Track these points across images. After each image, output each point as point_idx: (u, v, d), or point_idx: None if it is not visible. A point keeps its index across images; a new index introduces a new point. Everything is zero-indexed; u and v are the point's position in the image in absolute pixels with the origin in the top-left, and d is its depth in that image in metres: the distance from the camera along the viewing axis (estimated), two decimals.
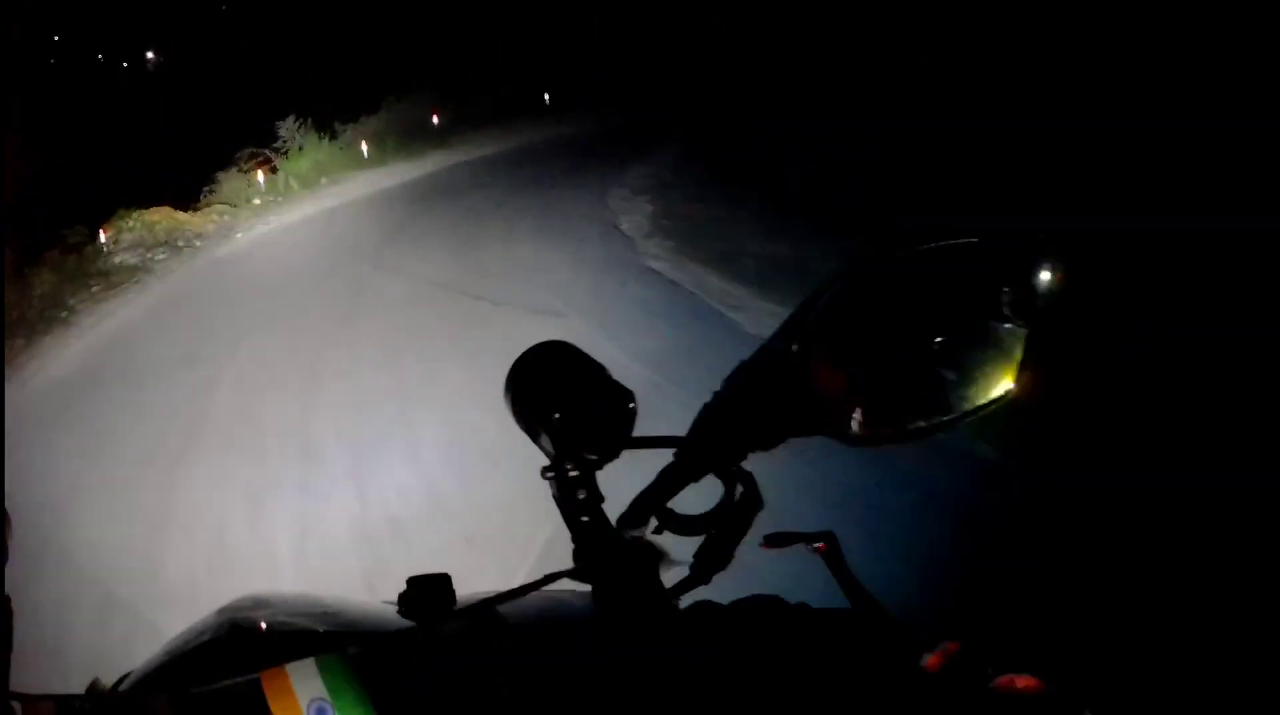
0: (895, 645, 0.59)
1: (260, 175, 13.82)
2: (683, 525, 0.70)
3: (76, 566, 3.91)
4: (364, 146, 14.63)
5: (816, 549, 0.66)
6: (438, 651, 0.75)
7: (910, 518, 2.64)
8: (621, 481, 0.75)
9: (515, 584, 0.71)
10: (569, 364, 0.77)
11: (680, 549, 0.73)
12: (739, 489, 0.68)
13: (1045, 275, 0.51)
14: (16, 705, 0.70)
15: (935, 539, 2.54)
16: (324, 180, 13.97)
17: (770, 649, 0.62)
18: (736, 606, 0.67)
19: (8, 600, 0.75)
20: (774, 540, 0.69)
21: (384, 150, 14.62)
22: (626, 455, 0.72)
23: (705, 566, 0.70)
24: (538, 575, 0.70)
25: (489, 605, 0.75)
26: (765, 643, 0.63)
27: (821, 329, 0.58)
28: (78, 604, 3.58)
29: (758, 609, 0.65)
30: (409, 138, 14.91)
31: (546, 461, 0.73)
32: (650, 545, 0.72)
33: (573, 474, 0.72)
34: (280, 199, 13.55)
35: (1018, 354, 0.53)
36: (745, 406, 0.64)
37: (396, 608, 0.82)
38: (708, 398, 0.67)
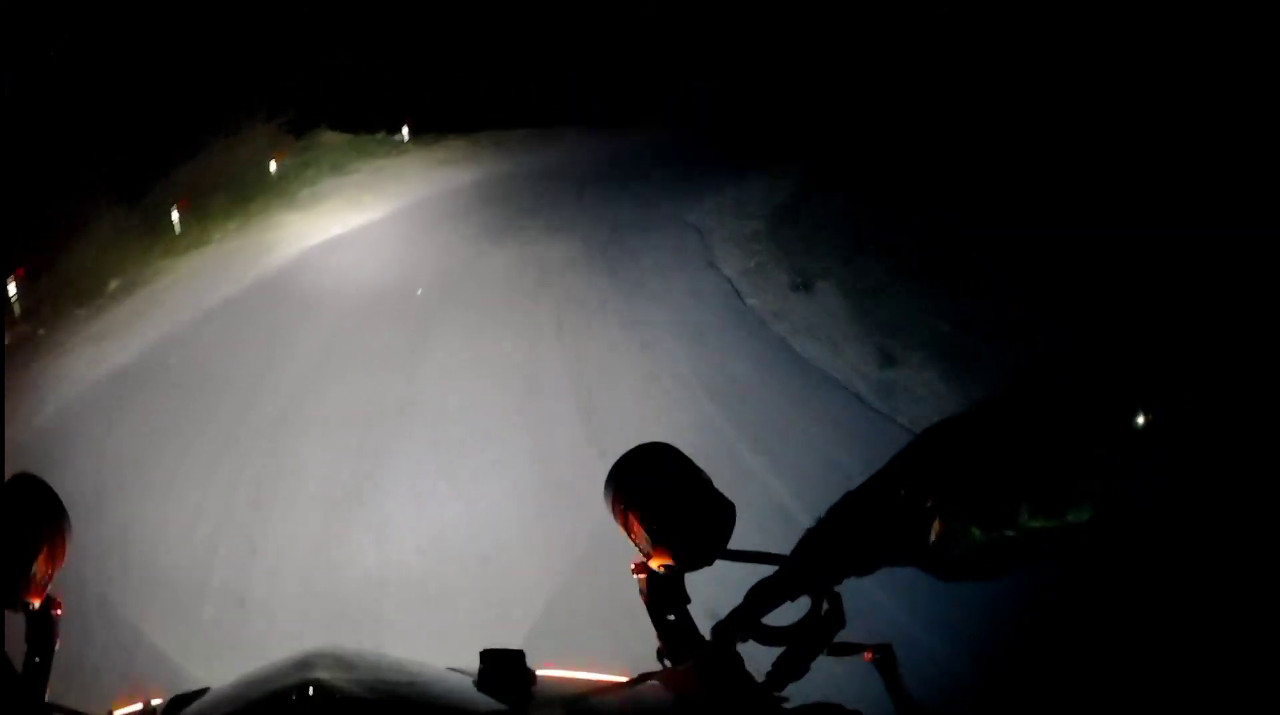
0: None
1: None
2: (769, 636, 0.70)
3: None
4: None
5: (873, 660, 0.66)
6: None
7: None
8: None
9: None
10: (675, 468, 0.81)
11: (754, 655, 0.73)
12: (825, 607, 0.67)
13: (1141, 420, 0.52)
14: None
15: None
16: None
17: None
18: (802, 712, 0.67)
19: (57, 602, 0.80)
20: (836, 649, 0.69)
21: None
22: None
23: (783, 675, 0.70)
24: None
25: (582, 700, 0.75)
26: None
27: (933, 475, 0.58)
28: None
29: None
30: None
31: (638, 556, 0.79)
32: (736, 652, 0.73)
33: (663, 574, 0.77)
34: None
35: (1102, 493, 0.53)
36: (850, 537, 0.64)
37: (473, 680, 0.81)
38: (810, 523, 0.67)
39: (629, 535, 0.80)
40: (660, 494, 0.78)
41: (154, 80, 11.78)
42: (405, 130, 15.13)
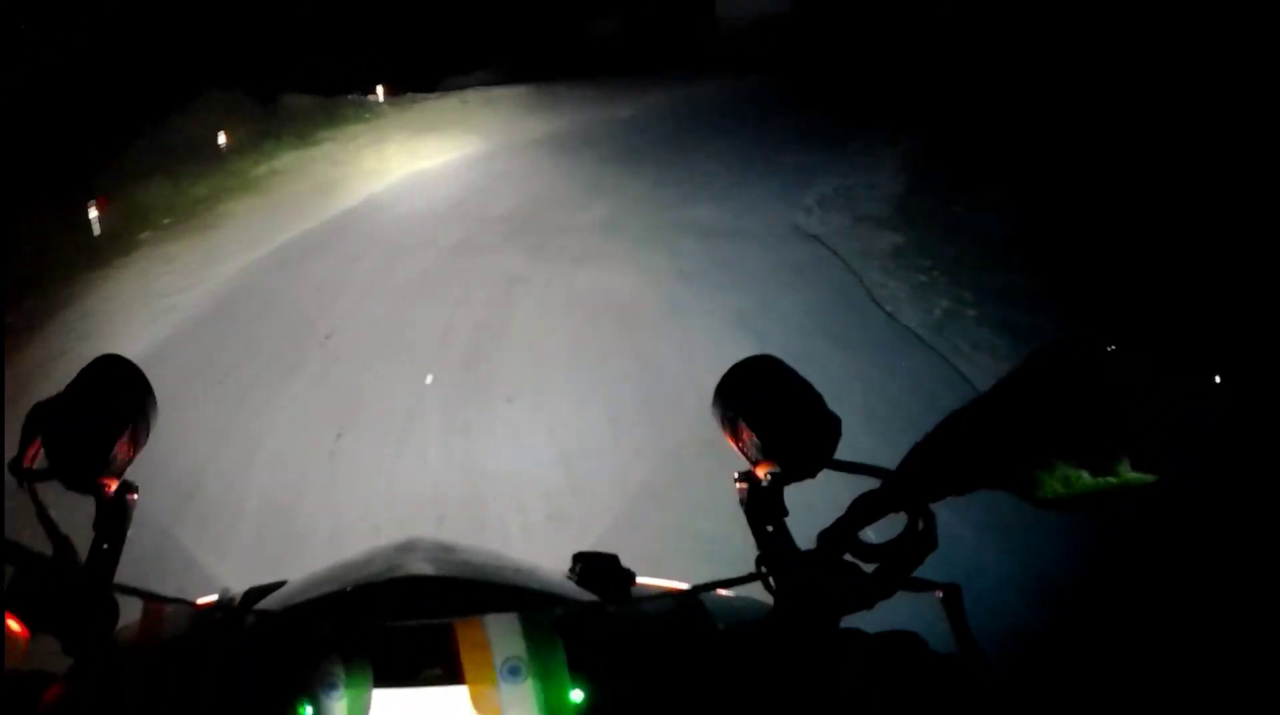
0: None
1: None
2: (864, 551, 0.72)
3: None
4: None
5: (941, 599, 0.68)
6: (632, 629, 0.76)
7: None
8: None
9: None
10: (784, 379, 0.82)
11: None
12: (920, 526, 0.68)
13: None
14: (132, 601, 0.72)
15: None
16: None
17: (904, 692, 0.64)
18: (881, 639, 0.68)
19: (133, 487, 0.76)
20: (908, 584, 0.70)
21: None
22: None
23: (873, 593, 0.71)
24: None
25: (681, 595, 0.78)
26: (902, 686, 0.65)
27: (1026, 398, 0.58)
28: None
29: (899, 645, 0.68)
30: None
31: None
32: (836, 563, 0.73)
33: (765, 484, 0.77)
34: None
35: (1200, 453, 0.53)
36: (951, 455, 0.65)
37: (571, 577, 0.85)
38: (918, 438, 0.67)
39: (736, 444, 0.82)
40: (771, 403, 0.80)
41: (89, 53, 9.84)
42: (380, 91, 12.99)
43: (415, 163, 8.99)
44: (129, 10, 11.14)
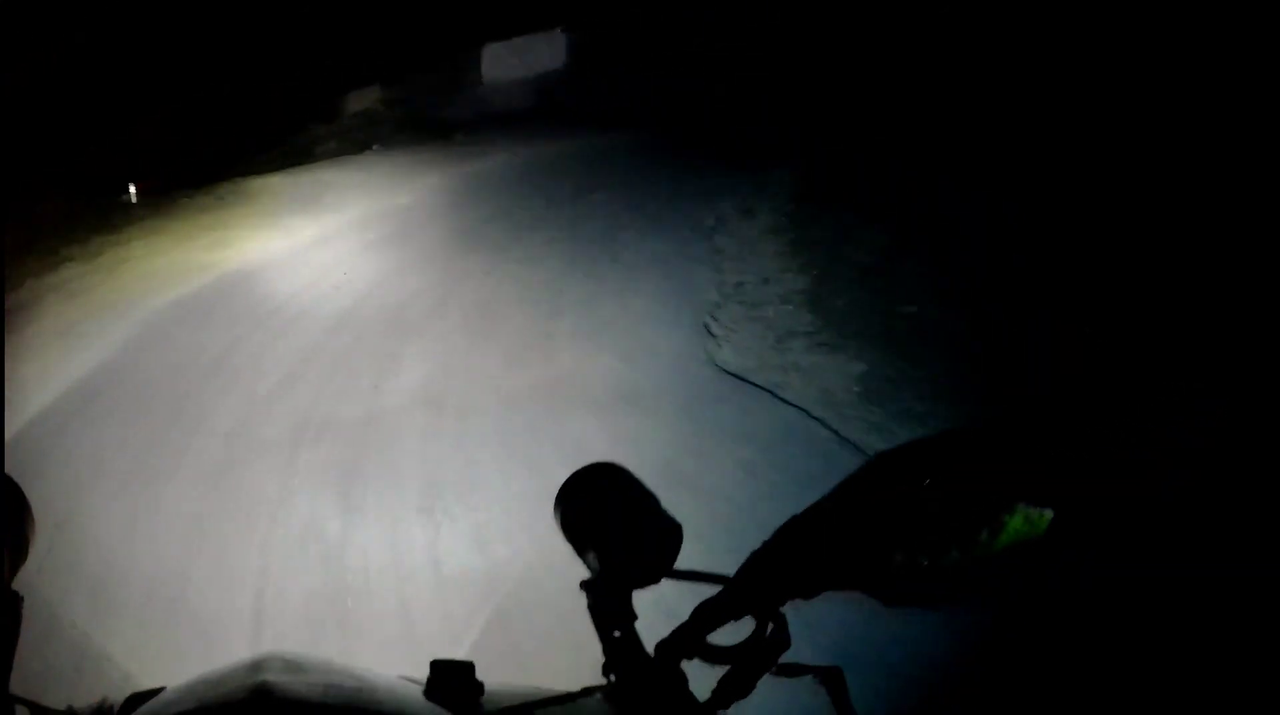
0: None
1: None
2: (713, 655, 0.72)
3: None
4: None
5: (822, 682, 0.68)
6: None
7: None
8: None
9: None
10: (622, 488, 0.83)
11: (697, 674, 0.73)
12: (770, 627, 0.69)
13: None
14: (22, 709, 0.74)
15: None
16: None
17: None
18: None
19: (19, 599, 0.78)
20: (785, 670, 0.70)
21: None
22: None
23: (726, 695, 0.71)
24: None
25: (527, 709, 0.77)
26: None
27: (867, 498, 0.60)
28: None
29: None
30: None
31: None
32: (680, 670, 0.74)
33: (609, 591, 0.78)
34: None
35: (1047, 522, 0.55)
36: (794, 559, 0.65)
37: (422, 689, 0.83)
38: (756, 546, 0.68)
39: (579, 555, 0.82)
40: (608, 512, 0.80)
41: None
42: (133, 190, 11.72)
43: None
44: None
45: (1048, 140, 6.22)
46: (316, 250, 8.30)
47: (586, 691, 0.77)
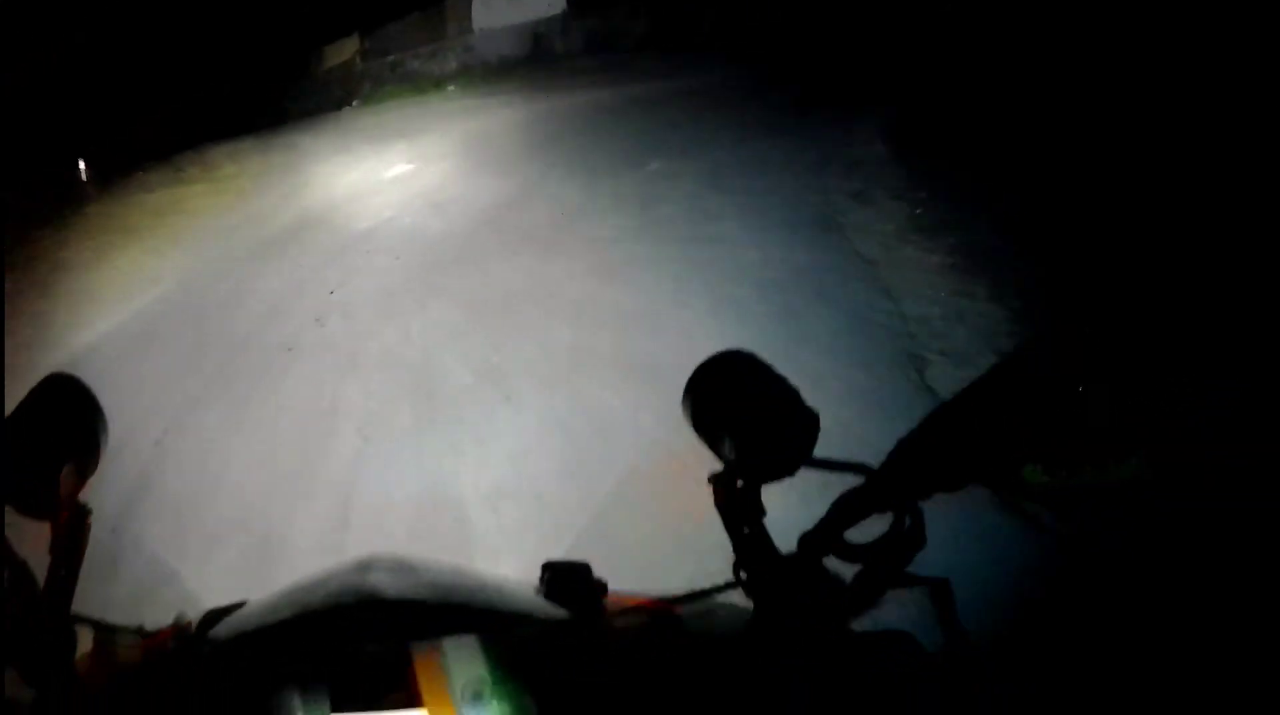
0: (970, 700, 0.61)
1: None
2: (849, 553, 0.69)
3: None
4: None
5: (930, 594, 0.66)
6: (602, 649, 0.73)
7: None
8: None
9: None
10: (758, 376, 0.78)
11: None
12: (906, 524, 0.66)
13: None
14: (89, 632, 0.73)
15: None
16: None
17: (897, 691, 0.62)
18: (870, 639, 0.66)
19: (87, 512, 0.75)
20: (896, 581, 0.69)
21: None
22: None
23: (861, 595, 0.69)
24: None
25: (652, 610, 0.75)
26: (895, 684, 0.63)
27: (1008, 390, 0.59)
28: None
29: (889, 645, 0.65)
30: None
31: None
32: (821, 566, 0.70)
33: (741, 484, 0.74)
34: None
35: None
36: (945, 450, 0.63)
37: (539, 591, 0.82)
38: (902, 434, 0.65)
39: (708, 443, 0.78)
40: (744, 401, 0.76)
41: None
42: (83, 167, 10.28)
43: None
44: None
45: (1045, 139, 5.99)
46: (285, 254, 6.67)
47: (714, 590, 0.75)
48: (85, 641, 0.72)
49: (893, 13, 9.42)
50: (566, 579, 0.81)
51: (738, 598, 0.74)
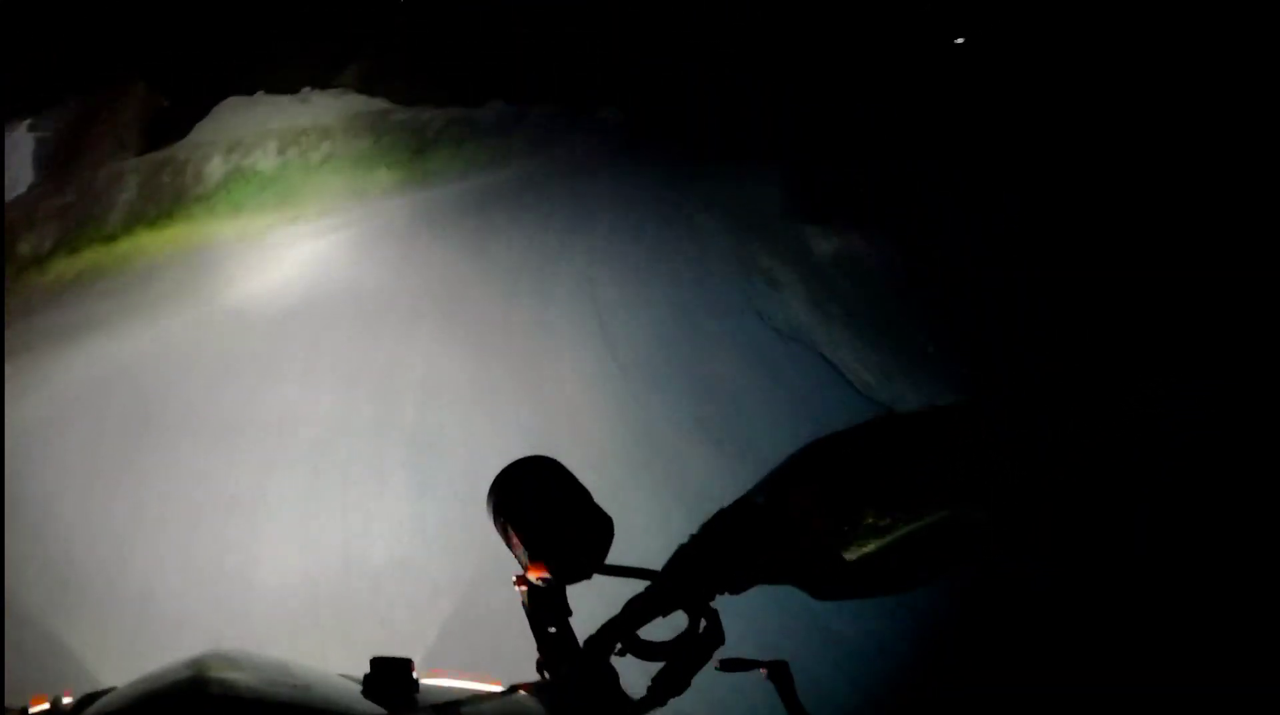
0: None
1: None
2: (647, 651, 0.71)
3: None
4: None
5: (768, 676, 0.67)
6: None
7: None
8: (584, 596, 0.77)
9: None
10: (554, 481, 0.81)
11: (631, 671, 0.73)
12: (703, 624, 0.69)
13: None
14: None
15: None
16: None
17: None
18: None
19: None
20: (729, 665, 0.70)
21: None
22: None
23: (663, 690, 0.70)
24: None
25: (455, 706, 0.78)
26: None
27: (791, 488, 0.61)
28: None
29: None
30: None
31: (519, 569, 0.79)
32: (611, 666, 0.73)
33: (542, 586, 0.77)
34: None
35: (973, 528, 0.55)
36: (720, 552, 0.65)
37: (360, 686, 0.82)
38: (684, 540, 0.69)
39: (509, 547, 0.81)
40: (539, 507, 0.79)
41: None
42: None
43: None
44: None
45: (1043, 137, 6.20)
46: None
47: (514, 688, 0.77)
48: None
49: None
50: (386, 675, 0.81)
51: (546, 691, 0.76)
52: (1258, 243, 4.12)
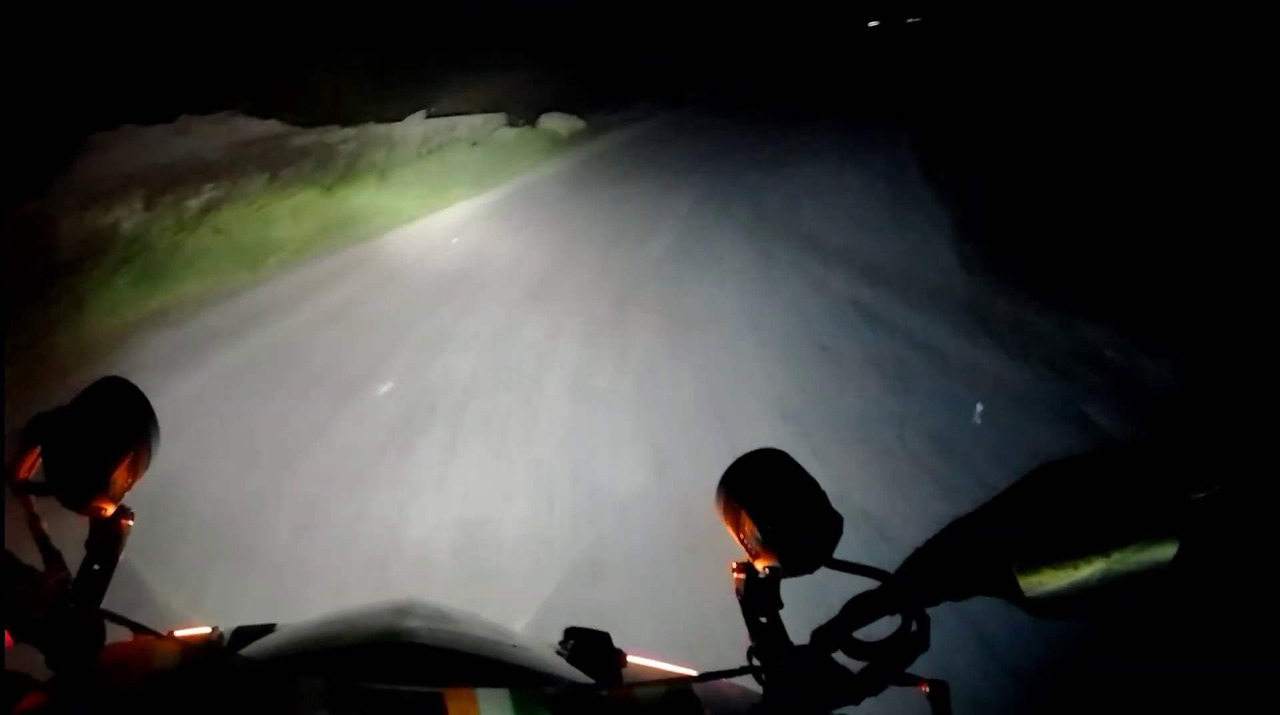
0: None
1: None
2: (856, 649, 0.71)
3: None
4: None
5: (927, 695, 0.69)
6: (606, 709, 0.76)
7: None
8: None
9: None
10: (790, 474, 0.82)
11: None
12: (913, 628, 0.69)
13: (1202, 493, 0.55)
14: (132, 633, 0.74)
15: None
16: None
17: None
18: None
19: (128, 513, 0.76)
20: (897, 680, 0.71)
21: None
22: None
23: (861, 691, 0.71)
24: None
25: (667, 682, 0.80)
26: None
27: (1021, 516, 0.61)
28: None
29: None
30: None
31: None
32: (831, 660, 0.73)
33: (762, 576, 0.79)
34: None
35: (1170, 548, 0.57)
36: (953, 562, 0.66)
37: (557, 651, 0.87)
38: (919, 544, 0.69)
39: (736, 534, 0.82)
40: (776, 496, 0.80)
41: None
42: None
43: None
44: None
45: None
46: None
47: (726, 672, 0.76)
48: (113, 637, 0.72)
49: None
50: (588, 644, 0.86)
51: (749, 682, 0.76)
52: None
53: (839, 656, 0.72)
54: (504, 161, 10.67)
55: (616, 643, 0.90)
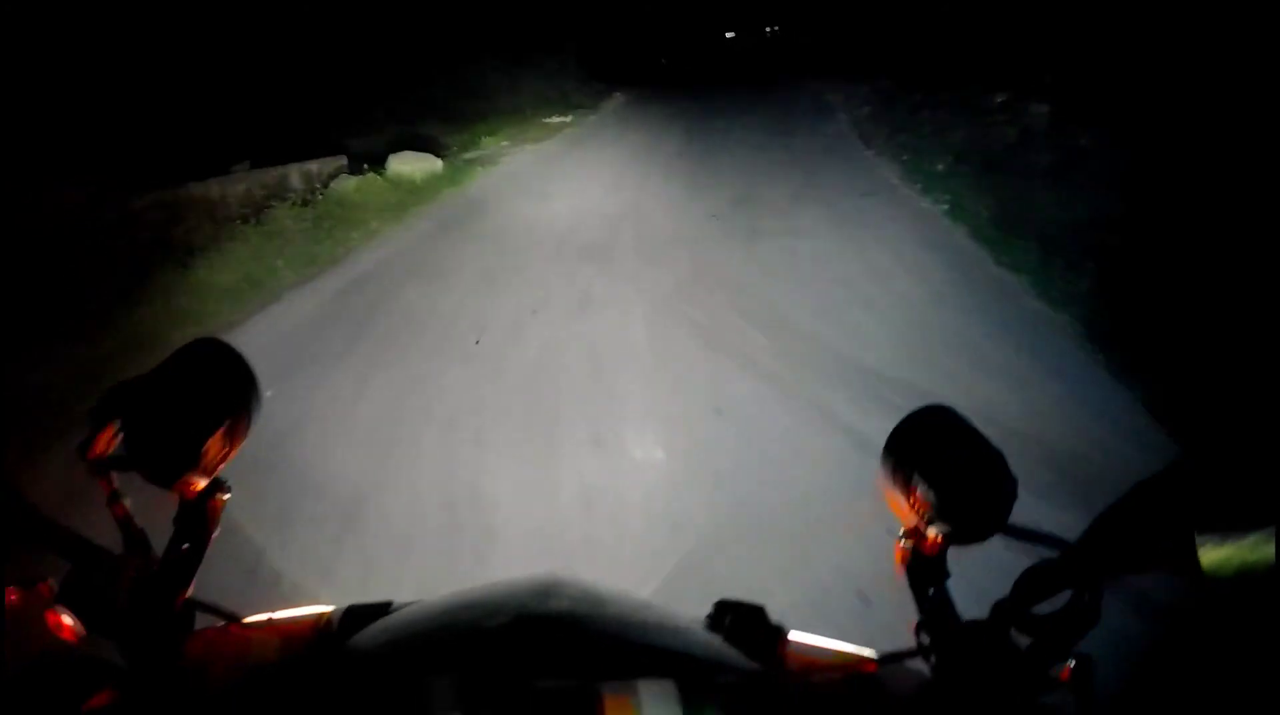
0: None
1: None
2: (1029, 625, 0.69)
3: None
4: None
5: (1069, 668, 0.66)
6: (800, 705, 0.70)
7: None
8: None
9: None
10: (962, 435, 0.75)
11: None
12: (1086, 600, 0.66)
13: None
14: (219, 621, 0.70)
15: None
16: None
17: None
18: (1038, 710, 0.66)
19: (224, 487, 0.71)
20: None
21: None
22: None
23: (1033, 668, 0.68)
24: None
25: (844, 667, 0.75)
26: None
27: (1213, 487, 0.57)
28: None
29: None
30: None
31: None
32: (1010, 638, 0.70)
33: (933, 544, 0.74)
34: None
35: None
36: (1139, 532, 0.62)
37: (709, 627, 0.79)
38: (1101, 509, 0.65)
39: (905, 499, 0.75)
40: (951, 461, 0.73)
41: None
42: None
43: None
44: None
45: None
46: None
47: (895, 655, 0.73)
48: (202, 625, 0.67)
49: None
50: (743, 619, 0.79)
51: (915, 662, 0.72)
52: None
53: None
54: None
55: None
